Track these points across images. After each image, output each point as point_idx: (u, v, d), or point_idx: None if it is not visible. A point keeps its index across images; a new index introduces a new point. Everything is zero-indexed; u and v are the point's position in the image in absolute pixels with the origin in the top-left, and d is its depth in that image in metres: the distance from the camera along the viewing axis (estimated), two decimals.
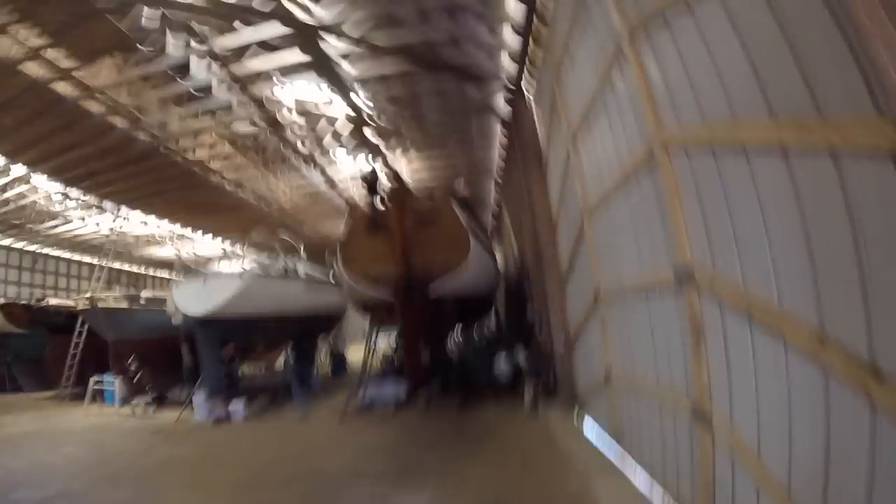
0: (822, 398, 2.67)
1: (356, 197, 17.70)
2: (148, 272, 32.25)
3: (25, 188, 17.37)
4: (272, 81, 11.38)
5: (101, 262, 20.40)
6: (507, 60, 10.31)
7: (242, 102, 12.15)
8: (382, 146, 15.37)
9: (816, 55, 2.53)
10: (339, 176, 17.89)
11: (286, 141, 14.58)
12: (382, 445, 8.53)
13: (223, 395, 12.00)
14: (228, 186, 17.79)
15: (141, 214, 20.84)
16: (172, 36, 9.42)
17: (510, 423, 9.14)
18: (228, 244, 26.50)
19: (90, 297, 15.25)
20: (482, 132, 15.28)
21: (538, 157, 10.36)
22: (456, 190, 12.89)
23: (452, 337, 16.73)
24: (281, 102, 12.73)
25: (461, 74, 10.95)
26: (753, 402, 3.31)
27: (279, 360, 19.90)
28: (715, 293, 3.71)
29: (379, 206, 10.81)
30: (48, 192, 17.87)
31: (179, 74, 11.04)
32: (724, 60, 3.26)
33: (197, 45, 9.82)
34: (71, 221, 21.46)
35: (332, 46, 9.89)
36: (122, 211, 19.55)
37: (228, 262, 23.74)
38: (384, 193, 10.73)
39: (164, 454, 8.71)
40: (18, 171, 15.74)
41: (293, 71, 10.97)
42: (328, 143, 14.98)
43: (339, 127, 13.97)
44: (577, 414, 8.73)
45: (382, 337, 16.56)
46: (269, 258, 16.69)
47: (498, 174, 18.48)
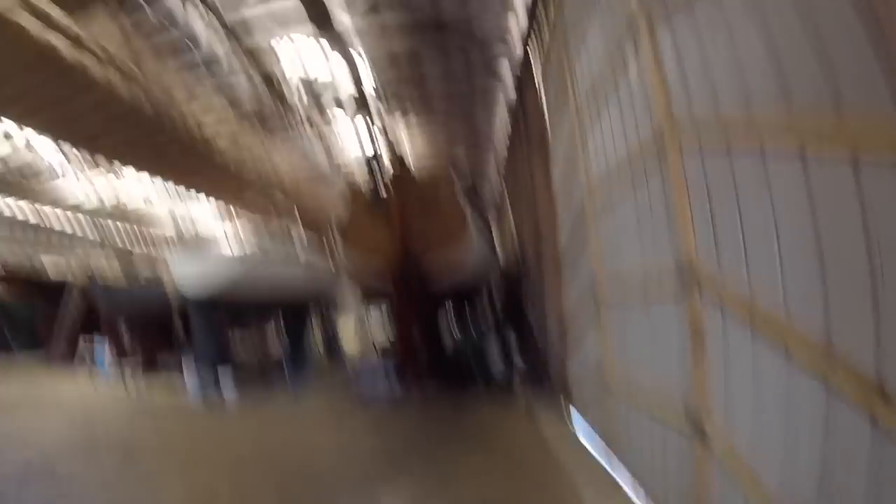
0: (822, 416, 2.52)
1: (356, 177, 17.48)
2: (144, 245, 31.92)
3: (16, 144, 16.97)
4: (268, 34, 10.98)
5: (97, 233, 20.18)
6: (514, 27, 9.91)
7: (236, 56, 11.72)
8: (382, 109, 14.97)
9: (840, 51, 2.33)
10: (337, 144, 17.48)
11: (283, 102, 14.19)
12: (372, 432, 8.42)
13: (214, 372, 11.94)
14: (224, 148, 17.30)
15: (136, 175, 20.19)
16: None
17: (502, 421, 9.03)
18: (224, 210, 25.97)
19: (84, 266, 15.12)
20: (485, 100, 14.89)
21: (542, 138, 10.08)
22: (458, 175, 12.69)
23: (447, 329, 16.63)
24: (278, 58, 12.32)
25: (465, 36, 10.58)
26: (753, 417, 3.16)
27: (273, 339, 19.87)
28: (719, 299, 3.54)
29: (381, 191, 10.65)
30: (39, 147, 17.47)
31: (172, 26, 10.68)
32: (744, 49, 3.04)
33: None
34: (63, 177, 20.87)
35: None
36: (111, 171, 19.07)
37: (225, 232, 23.40)
38: (386, 179, 10.55)
39: (148, 429, 8.65)
40: (8, 126, 15.33)
41: (290, 23, 10.59)
42: (326, 102, 14.57)
43: (337, 86, 13.57)
44: (569, 415, 8.62)
45: (375, 317, 16.47)
46: (266, 235, 16.54)
47: (501, 153, 18.11)
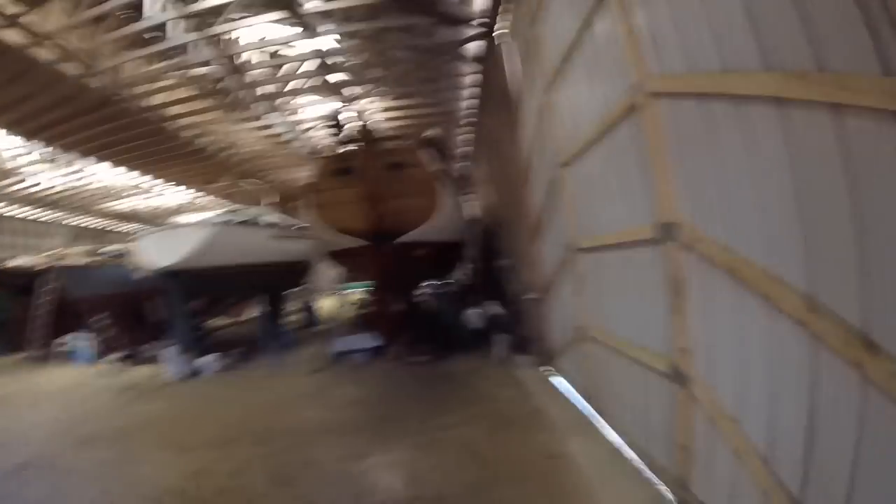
0: (808, 367, 2.58)
1: (323, 142, 17.10)
2: (113, 225, 31.00)
3: None
4: (231, 18, 10.57)
5: (62, 217, 19.48)
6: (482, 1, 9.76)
7: (200, 42, 11.31)
8: (349, 90, 14.71)
9: (821, 8, 2.30)
10: (304, 121, 17.16)
11: (248, 84, 13.76)
12: (355, 400, 8.49)
13: (193, 349, 11.78)
14: (188, 132, 16.84)
15: (101, 166, 19.59)
16: None
17: (483, 377, 9.13)
18: (192, 193, 25.49)
19: (52, 254, 14.64)
20: (453, 77, 14.71)
21: (512, 106, 9.97)
22: (426, 135, 12.49)
23: (424, 288, 16.64)
24: (241, 41, 11.94)
25: (431, 11, 10.32)
26: (736, 366, 3.23)
27: (250, 312, 19.69)
28: (698, 250, 3.57)
29: (347, 148, 10.40)
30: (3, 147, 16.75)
31: (133, 14, 10.19)
32: (717, 7, 2.98)
33: None
34: (30, 176, 20.32)
35: None
36: (80, 163, 18.40)
37: (193, 212, 22.96)
38: (351, 135, 10.30)
39: (136, 412, 8.57)
40: None
41: (253, 4, 10.20)
42: (292, 85, 14.25)
43: (303, 68, 13.25)
44: (548, 371, 8.78)
45: (354, 289, 16.41)
46: (235, 206, 16.16)
47: (470, 121, 17.96)
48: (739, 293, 3.15)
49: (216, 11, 10.35)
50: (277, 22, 10.73)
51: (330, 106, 14.94)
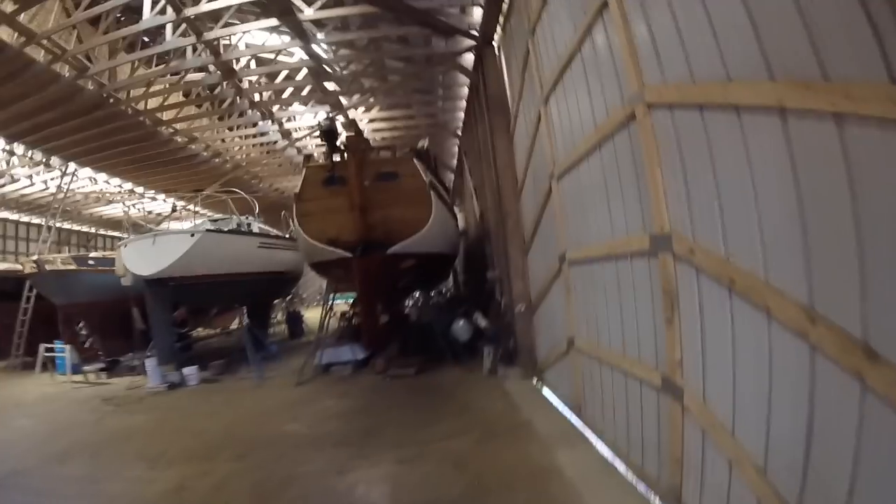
0: (807, 376, 2.55)
1: (313, 151, 17.03)
2: (98, 232, 30.55)
3: None
4: (228, 25, 10.54)
5: (48, 222, 19.11)
6: (477, 10, 9.80)
7: (196, 48, 11.26)
8: (343, 100, 14.70)
9: (825, 15, 2.29)
10: (297, 129, 17.10)
11: (242, 92, 13.70)
12: (340, 412, 8.37)
13: (176, 359, 11.56)
14: (181, 140, 16.69)
15: (90, 171, 19.32)
16: None
17: (470, 389, 9.04)
18: (181, 202, 25.23)
19: (36, 259, 14.36)
20: (448, 89, 14.78)
21: (505, 115, 10.01)
22: (417, 146, 12.45)
23: (411, 299, 16.55)
24: (237, 49, 11.91)
25: (427, 22, 10.36)
26: (730, 376, 3.20)
27: (234, 322, 19.43)
28: (693, 261, 3.55)
29: (336, 157, 10.33)
30: None
31: (131, 17, 10.18)
32: (720, 17, 2.99)
33: None
34: (18, 180, 19.97)
35: None
36: (69, 168, 18.11)
37: (180, 220, 22.70)
38: (342, 144, 10.24)
39: (116, 424, 8.39)
40: None
41: (249, 12, 10.19)
42: (286, 95, 14.22)
43: (297, 78, 13.23)
44: (536, 383, 8.71)
45: (340, 300, 16.24)
46: (222, 215, 16.00)
47: (462, 132, 18.02)
48: (735, 303, 3.13)
49: (214, 16, 10.31)
50: (274, 29, 10.72)
51: (322, 114, 14.93)
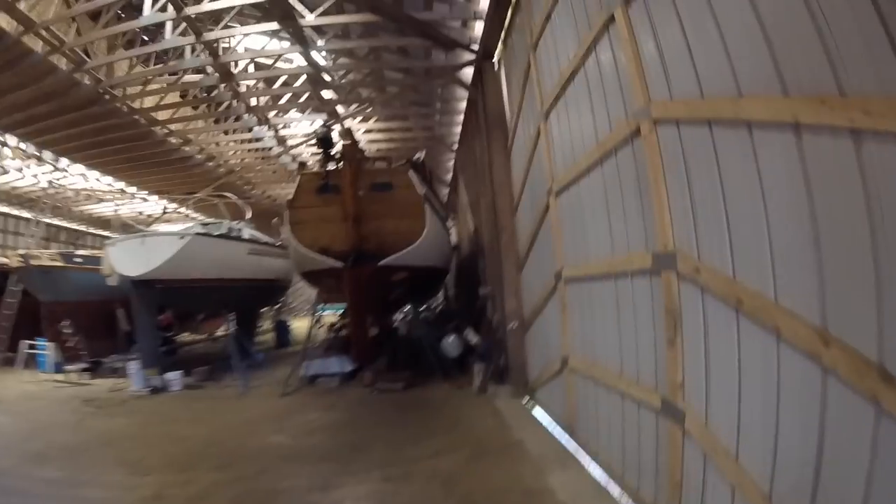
0: (818, 399, 2.48)
1: (308, 158, 16.97)
2: (88, 230, 30.10)
3: None
4: (228, 27, 10.51)
5: (37, 216, 18.80)
6: (479, 24, 9.82)
7: (195, 49, 11.21)
8: (340, 108, 14.68)
9: (842, 29, 2.26)
10: (292, 136, 17.03)
11: (239, 95, 13.64)
12: (325, 425, 8.18)
13: (160, 363, 11.32)
14: (175, 141, 16.53)
15: (82, 168, 19.06)
16: None
17: (460, 406, 8.88)
18: (172, 204, 24.97)
19: (23, 253, 14.12)
20: (446, 103, 14.80)
21: (503, 130, 9.99)
22: (413, 158, 12.45)
23: (401, 312, 16.38)
24: (236, 52, 11.88)
25: (428, 34, 10.38)
26: (735, 399, 3.12)
27: (221, 328, 19.12)
28: (698, 280, 3.48)
29: (331, 166, 10.29)
30: None
31: (131, 13, 10.12)
32: (732, 31, 2.96)
33: None
34: (8, 172, 19.64)
35: None
36: (61, 162, 17.88)
37: (170, 222, 22.45)
38: (337, 152, 10.21)
39: (96, 427, 8.18)
40: None
41: (250, 15, 10.18)
42: (283, 101, 14.17)
43: (295, 84, 13.20)
44: (528, 402, 8.57)
45: (329, 311, 16.07)
46: (213, 219, 15.85)
47: (459, 145, 18.04)
48: (743, 324, 3.05)
49: (215, 17, 10.27)
50: (274, 34, 10.70)
51: (319, 122, 14.90)
